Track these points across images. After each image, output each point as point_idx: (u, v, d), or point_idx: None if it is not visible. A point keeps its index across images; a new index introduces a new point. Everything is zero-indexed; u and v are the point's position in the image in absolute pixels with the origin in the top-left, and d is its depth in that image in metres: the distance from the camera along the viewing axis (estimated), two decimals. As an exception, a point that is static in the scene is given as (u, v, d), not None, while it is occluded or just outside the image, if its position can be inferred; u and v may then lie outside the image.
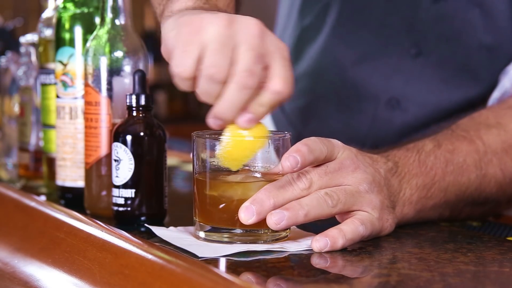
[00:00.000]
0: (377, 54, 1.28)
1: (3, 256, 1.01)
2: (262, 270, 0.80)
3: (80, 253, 0.89)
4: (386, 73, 1.28)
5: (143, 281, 0.78)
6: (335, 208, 0.87)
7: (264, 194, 0.86)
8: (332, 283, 0.75)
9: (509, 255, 0.87)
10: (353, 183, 0.89)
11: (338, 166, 0.89)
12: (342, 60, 1.32)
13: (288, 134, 0.90)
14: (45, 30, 1.23)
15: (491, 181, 1.01)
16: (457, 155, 1.00)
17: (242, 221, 0.86)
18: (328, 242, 0.85)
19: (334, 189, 0.87)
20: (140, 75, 1.00)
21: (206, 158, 0.89)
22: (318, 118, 1.36)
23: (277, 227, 0.85)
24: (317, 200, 0.86)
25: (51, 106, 1.18)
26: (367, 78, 1.29)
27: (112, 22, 1.04)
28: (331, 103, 1.34)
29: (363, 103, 1.30)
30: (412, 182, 0.96)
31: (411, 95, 1.26)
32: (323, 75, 1.36)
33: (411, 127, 1.27)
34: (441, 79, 1.25)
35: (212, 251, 0.84)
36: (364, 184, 0.89)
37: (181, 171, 1.51)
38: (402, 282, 0.76)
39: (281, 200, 0.86)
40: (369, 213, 0.89)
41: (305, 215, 0.86)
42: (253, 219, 0.85)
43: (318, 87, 1.37)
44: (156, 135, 0.99)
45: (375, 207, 0.89)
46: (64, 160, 1.11)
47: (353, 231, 0.87)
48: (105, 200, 1.04)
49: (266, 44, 0.84)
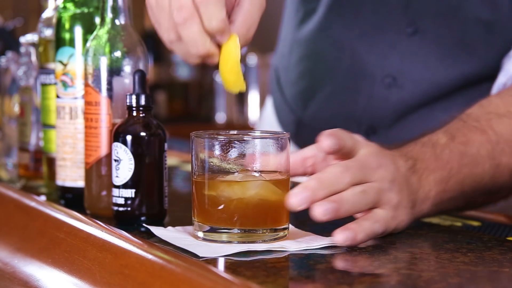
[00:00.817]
0: (374, 33, 1.29)
1: (3, 256, 1.01)
2: (262, 270, 0.80)
3: (80, 253, 0.89)
4: (382, 51, 1.28)
5: (143, 281, 0.78)
6: (367, 206, 0.88)
7: (316, 184, 0.86)
8: (332, 283, 0.75)
9: (509, 255, 0.87)
10: (377, 180, 0.89)
11: (363, 163, 0.89)
12: (339, 40, 1.32)
13: (287, 134, 0.90)
14: (45, 30, 1.23)
15: (504, 170, 1.02)
16: (470, 146, 1.00)
17: (292, 207, 0.86)
18: (349, 235, 0.86)
19: (367, 187, 0.88)
20: (140, 75, 1.00)
21: (205, 158, 0.89)
22: (317, 101, 1.36)
23: (323, 218, 0.85)
24: (357, 197, 0.87)
25: (51, 106, 1.18)
26: (364, 56, 1.29)
27: (112, 22, 1.04)
28: (329, 85, 1.35)
29: (360, 82, 1.30)
30: (430, 178, 0.96)
31: (408, 72, 1.26)
32: (320, 57, 1.36)
33: (407, 105, 1.27)
34: (437, 56, 1.25)
35: (212, 251, 0.84)
36: (386, 182, 0.90)
37: (181, 171, 1.51)
38: (402, 282, 0.76)
39: (329, 191, 0.86)
40: (386, 212, 0.89)
41: (346, 211, 0.87)
42: (303, 206, 0.86)
43: (316, 70, 1.38)
44: (156, 135, 0.99)
45: (392, 207, 0.90)
46: (64, 160, 1.11)
47: (370, 228, 0.88)
48: (105, 200, 1.04)
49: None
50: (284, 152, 0.89)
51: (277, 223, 0.89)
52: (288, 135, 0.90)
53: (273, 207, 0.89)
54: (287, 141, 0.90)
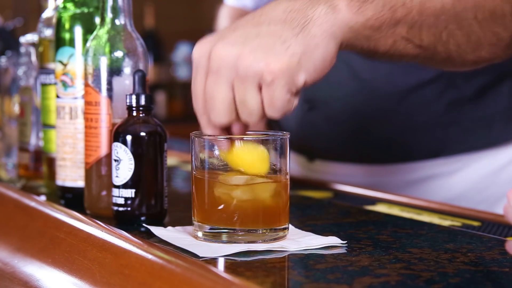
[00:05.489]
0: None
1: (3, 256, 1.01)
2: (262, 270, 0.80)
3: (80, 253, 0.89)
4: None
5: (143, 281, 0.78)
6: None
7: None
8: (332, 283, 0.75)
9: (509, 255, 0.87)
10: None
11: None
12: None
13: (287, 134, 0.90)
14: (45, 30, 1.23)
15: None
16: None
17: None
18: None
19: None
20: (140, 75, 1.00)
21: (205, 158, 0.89)
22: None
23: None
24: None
25: (51, 106, 1.18)
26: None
27: (112, 22, 1.04)
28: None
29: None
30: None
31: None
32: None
33: None
34: None
35: (212, 251, 0.84)
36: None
37: (181, 171, 1.51)
38: (402, 282, 0.76)
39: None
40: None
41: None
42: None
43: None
44: (156, 135, 0.99)
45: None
46: (64, 160, 1.11)
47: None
48: (105, 200, 1.04)
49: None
50: (284, 152, 0.89)
51: (277, 223, 0.89)
52: (288, 135, 0.90)
53: (273, 207, 0.89)
54: (287, 141, 0.90)
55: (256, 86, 0.88)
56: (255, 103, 0.88)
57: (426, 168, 1.39)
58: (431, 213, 1.10)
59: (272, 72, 0.87)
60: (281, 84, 0.87)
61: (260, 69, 0.87)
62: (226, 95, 0.88)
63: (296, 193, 1.23)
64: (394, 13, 0.94)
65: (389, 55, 0.98)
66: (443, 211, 1.12)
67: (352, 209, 1.14)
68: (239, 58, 0.88)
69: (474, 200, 1.38)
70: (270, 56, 0.88)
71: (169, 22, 4.11)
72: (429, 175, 1.39)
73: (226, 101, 0.89)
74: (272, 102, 0.88)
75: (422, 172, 1.39)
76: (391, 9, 0.94)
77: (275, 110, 0.88)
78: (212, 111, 0.89)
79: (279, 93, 0.88)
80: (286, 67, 0.88)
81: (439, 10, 0.96)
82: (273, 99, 0.88)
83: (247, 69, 0.87)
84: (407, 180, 1.40)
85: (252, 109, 0.88)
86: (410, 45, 0.97)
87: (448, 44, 0.98)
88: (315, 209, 1.15)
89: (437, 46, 0.98)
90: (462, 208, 1.16)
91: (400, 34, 0.96)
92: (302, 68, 0.89)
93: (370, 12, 0.93)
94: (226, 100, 0.89)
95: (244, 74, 0.87)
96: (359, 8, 0.93)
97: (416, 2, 0.95)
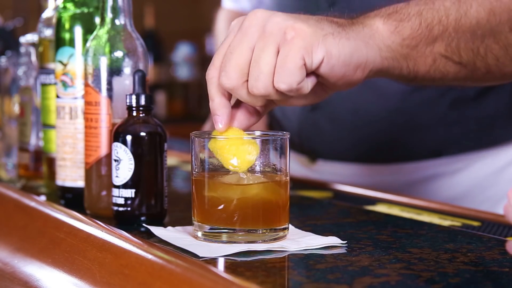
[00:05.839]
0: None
1: (3, 256, 1.01)
2: (262, 270, 0.80)
3: (80, 253, 0.89)
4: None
5: (143, 281, 0.78)
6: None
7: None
8: (332, 283, 0.75)
9: (509, 255, 0.87)
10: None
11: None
12: None
13: (287, 134, 0.90)
14: (45, 30, 1.23)
15: (472, 4, 0.97)
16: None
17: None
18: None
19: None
20: (140, 75, 1.00)
21: (205, 158, 0.89)
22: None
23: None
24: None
25: (51, 106, 1.18)
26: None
27: (112, 22, 1.04)
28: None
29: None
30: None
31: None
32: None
33: None
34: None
35: (212, 251, 0.84)
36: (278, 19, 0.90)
37: (181, 171, 1.51)
38: (402, 282, 0.76)
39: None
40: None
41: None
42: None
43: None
44: (156, 135, 0.99)
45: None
46: (64, 160, 1.11)
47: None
48: (105, 200, 1.04)
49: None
50: (284, 152, 0.89)
51: (277, 223, 0.89)
52: (288, 135, 0.90)
53: (273, 207, 0.89)
54: (287, 141, 0.90)
55: (275, 45, 0.87)
56: (267, 63, 0.87)
57: (429, 168, 1.39)
58: (431, 213, 1.10)
59: (295, 30, 0.87)
60: (298, 45, 0.86)
61: (285, 25, 0.87)
62: (243, 55, 0.88)
63: (296, 193, 1.23)
64: (431, 31, 0.95)
65: (430, 76, 0.98)
66: (443, 211, 1.12)
67: (352, 209, 1.14)
68: (270, 17, 0.88)
69: (476, 199, 1.38)
70: (300, 21, 0.88)
71: (169, 22, 4.11)
72: (431, 174, 1.39)
73: (241, 60, 0.88)
74: (284, 63, 0.86)
75: (424, 172, 1.39)
76: (428, 27, 0.95)
77: (284, 74, 0.86)
78: (224, 70, 0.88)
79: (294, 54, 0.86)
80: (310, 32, 0.87)
81: (474, 25, 0.97)
82: (286, 59, 0.86)
83: (272, 26, 0.87)
84: (409, 180, 1.40)
85: (262, 70, 0.87)
86: (450, 63, 0.98)
87: (486, 58, 0.99)
88: (315, 209, 1.15)
89: (476, 62, 0.99)
90: (462, 208, 1.16)
91: (439, 52, 0.97)
92: (326, 43, 0.88)
93: (407, 31, 0.94)
94: (241, 60, 0.88)
95: (269, 30, 0.87)
96: (396, 28, 0.94)
97: (451, 19, 0.96)
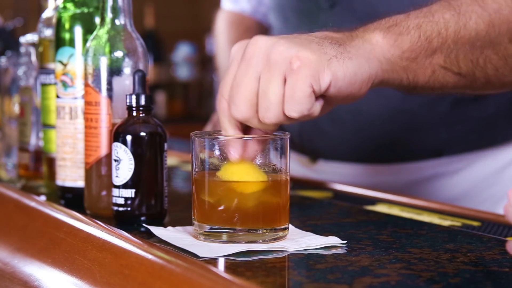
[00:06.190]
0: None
1: (3, 256, 1.01)
2: (262, 270, 0.80)
3: (80, 253, 0.89)
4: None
5: (143, 281, 0.78)
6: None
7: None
8: (332, 283, 0.75)
9: (509, 255, 0.87)
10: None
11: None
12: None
13: (287, 134, 0.90)
14: (45, 30, 1.23)
15: (471, 16, 0.98)
16: (422, 9, 0.97)
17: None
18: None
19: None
20: (140, 75, 1.00)
21: (205, 158, 0.89)
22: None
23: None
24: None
25: (51, 106, 1.18)
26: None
27: (112, 22, 1.04)
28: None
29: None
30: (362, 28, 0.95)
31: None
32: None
33: None
34: None
35: (212, 251, 0.84)
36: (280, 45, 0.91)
37: (181, 171, 1.51)
38: (402, 282, 0.76)
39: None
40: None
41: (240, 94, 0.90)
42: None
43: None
44: (156, 135, 0.99)
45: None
46: (64, 160, 1.11)
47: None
48: (105, 200, 1.04)
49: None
50: (284, 152, 0.89)
51: (277, 223, 0.89)
52: (288, 135, 0.90)
53: (273, 207, 0.89)
54: (287, 141, 0.90)
55: (282, 75, 0.87)
56: (276, 94, 0.87)
57: (429, 168, 1.39)
58: (431, 213, 1.10)
59: (300, 59, 0.87)
60: (306, 74, 0.87)
61: (290, 55, 0.87)
62: (250, 86, 0.88)
63: (296, 193, 1.23)
64: (430, 43, 0.96)
65: (429, 86, 0.98)
66: (443, 211, 1.12)
67: (352, 209, 1.14)
68: (273, 46, 0.88)
69: (477, 199, 1.38)
70: (303, 48, 0.88)
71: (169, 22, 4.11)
72: (432, 174, 1.39)
73: (248, 92, 0.88)
74: (293, 92, 0.87)
75: (425, 172, 1.39)
76: (427, 39, 0.96)
77: (294, 103, 0.87)
78: (233, 103, 0.89)
79: (302, 83, 0.87)
80: (315, 59, 0.88)
81: (474, 37, 0.98)
82: (294, 89, 0.87)
83: (277, 56, 0.87)
84: (410, 180, 1.40)
85: (271, 101, 0.87)
86: (449, 74, 0.98)
87: (486, 68, 1.00)
88: (315, 209, 1.15)
89: (475, 72, 1.00)
90: (462, 208, 1.16)
91: (438, 64, 0.97)
92: (331, 67, 0.89)
93: (407, 44, 0.95)
94: (249, 92, 0.88)
95: (273, 60, 0.87)
96: (395, 41, 0.94)
97: (451, 32, 0.97)
